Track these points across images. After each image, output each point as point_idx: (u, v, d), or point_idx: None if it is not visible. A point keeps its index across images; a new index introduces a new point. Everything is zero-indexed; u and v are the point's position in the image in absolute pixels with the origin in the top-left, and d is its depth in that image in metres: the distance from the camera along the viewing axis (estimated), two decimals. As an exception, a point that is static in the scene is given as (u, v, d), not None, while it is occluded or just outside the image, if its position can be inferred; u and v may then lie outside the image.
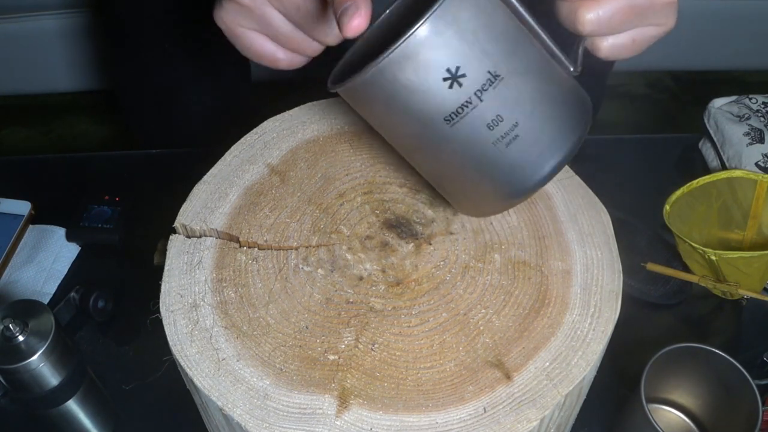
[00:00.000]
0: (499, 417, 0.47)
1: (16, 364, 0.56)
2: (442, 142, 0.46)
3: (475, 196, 0.50)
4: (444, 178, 0.51)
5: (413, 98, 0.44)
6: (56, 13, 1.39)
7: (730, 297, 0.76)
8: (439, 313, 0.52)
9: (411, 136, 0.47)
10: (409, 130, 0.46)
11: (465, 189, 0.50)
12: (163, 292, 0.53)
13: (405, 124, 0.46)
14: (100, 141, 1.57)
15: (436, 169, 0.50)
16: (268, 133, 0.64)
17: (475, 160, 0.46)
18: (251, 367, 0.49)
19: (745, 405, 0.59)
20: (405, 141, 0.49)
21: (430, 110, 0.44)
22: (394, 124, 0.47)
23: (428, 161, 0.49)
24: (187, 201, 0.59)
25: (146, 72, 1.03)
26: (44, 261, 0.82)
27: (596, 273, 0.54)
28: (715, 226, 0.79)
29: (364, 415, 0.47)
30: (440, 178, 0.51)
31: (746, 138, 0.84)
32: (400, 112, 0.45)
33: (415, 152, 0.49)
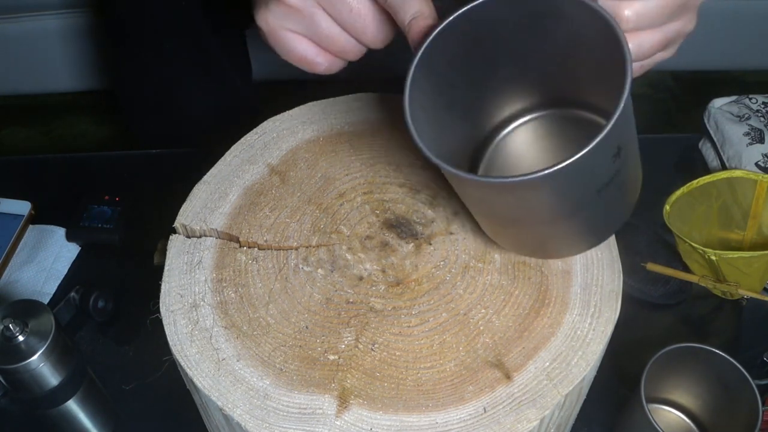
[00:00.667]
0: (499, 417, 0.47)
1: (16, 364, 0.56)
2: (581, 209, 0.45)
3: (572, 247, 0.52)
4: (551, 240, 0.50)
5: (578, 180, 0.43)
6: (56, 13, 1.38)
7: (730, 297, 0.76)
8: (439, 313, 0.52)
9: (547, 213, 0.46)
10: (550, 208, 0.45)
11: (567, 244, 0.51)
12: (163, 292, 0.53)
13: (547, 206, 0.45)
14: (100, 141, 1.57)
15: (547, 235, 0.49)
16: (268, 133, 0.64)
17: (595, 214, 0.47)
18: (251, 367, 0.49)
19: (745, 405, 0.59)
20: (528, 221, 0.47)
21: (591, 185, 0.44)
22: (527, 209, 0.45)
23: (544, 230, 0.48)
24: (187, 201, 0.59)
25: (146, 72, 1.03)
26: (44, 261, 0.82)
27: (596, 273, 0.54)
28: (715, 226, 0.79)
29: (364, 415, 0.47)
30: (545, 242, 0.51)
31: (746, 138, 0.84)
32: (553, 196, 0.44)
33: (530, 226, 0.48)
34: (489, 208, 0.48)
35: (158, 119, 1.08)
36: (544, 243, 0.51)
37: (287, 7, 0.48)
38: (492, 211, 0.48)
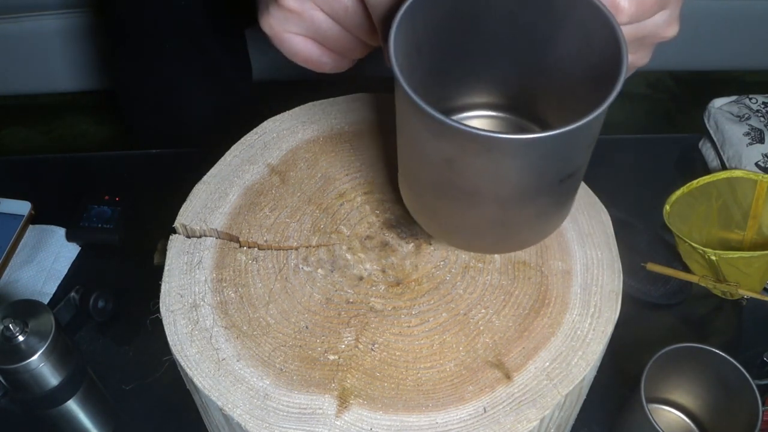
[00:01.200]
0: (499, 417, 0.47)
1: (16, 364, 0.56)
2: (541, 195, 0.44)
3: (507, 241, 0.50)
4: (493, 226, 0.48)
5: (560, 155, 0.42)
6: (56, 13, 1.39)
7: (730, 297, 0.76)
8: (439, 313, 0.52)
9: (511, 189, 0.44)
10: (518, 182, 0.43)
11: (504, 236, 0.49)
12: (163, 292, 0.53)
13: (516, 178, 0.43)
14: (100, 141, 1.57)
15: (493, 219, 0.47)
16: (268, 133, 0.64)
17: (547, 206, 0.46)
18: (251, 367, 0.49)
19: (745, 405, 0.59)
20: (486, 195, 0.45)
21: (561, 169, 0.43)
22: (497, 178, 0.43)
23: (493, 212, 0.46)
24: (187, 201, 0.59)
25: (146, 72, 1.03)
26: (44, 261, 0.82)
27: (596, 273, 0.54)
28: (715, 226, 0.79)
29: (364, 415, 0.47)
30: (485, 228, 0.48)
31: (746, 138, 0.84)
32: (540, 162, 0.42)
33: (483, 204, 0.46)
34: (449, 173, 0.44)
35: (158, 119, 1.08)
36: (481, 229, 0.48)
37: (287, 10, 0.48)
38: (451, 177, 0.44)
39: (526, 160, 0.41)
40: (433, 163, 0.43)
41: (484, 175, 0.43)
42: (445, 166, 0.43)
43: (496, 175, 0.42)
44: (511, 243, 0.50)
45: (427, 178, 0.45)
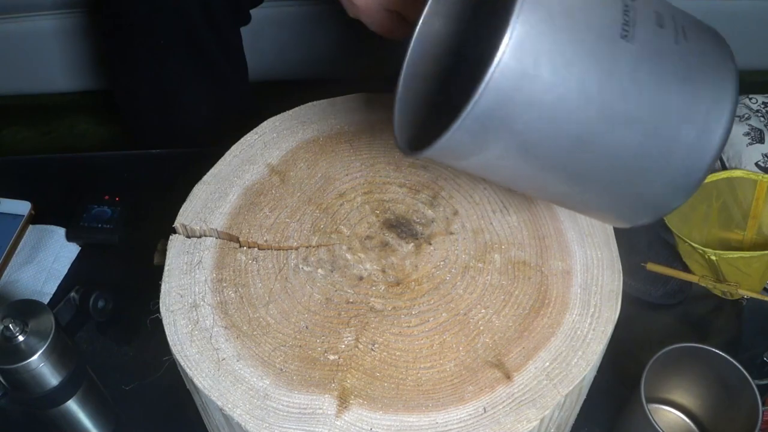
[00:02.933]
0: (499, 417, 0.47)
1: (16, 364, 0.56)
2: (625, 84, 0.41)
3: (648, 184, 0.45)
4: (610, 172, 0.44)
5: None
6: (56, 13, 1.38)
7: (730, 297, 0.76)
8: (439, 313, 0.52)
9: (576, 127, 0.41)
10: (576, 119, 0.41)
11: (638, 176, 0.44)
12: (163, 292, 0.53)
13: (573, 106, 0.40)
14: (100, 141, 1.57)
15: (597, 168, 0.44)
16: (268, 133, 0.64)
17: (667, 76, 0.42)
18: (251, 367, 0.49)
19: (745, 405, 0.59)
20: (563, 146, 0.42)
21: (601, 34, 0.39)
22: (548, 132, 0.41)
23: (589, 160, 0.43)
24: (187, 201, 0.59)
25: (142, 71, 1.03)
26: (44, 261, 0.82)
27: (596, 273, 0.54)
28: (715, 226, 0.79)
29: (364, 415, 0.47)
30: (599, 179, 0.45)
31: (746, 138, 0.84)
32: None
33: (571, 160, 0.43)
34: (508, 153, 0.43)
35: (155, 119, 1.08)
36: (603, 187, 0.46)
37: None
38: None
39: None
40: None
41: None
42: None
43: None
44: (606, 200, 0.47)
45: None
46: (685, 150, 0.43)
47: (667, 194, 0.45)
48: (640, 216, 0.48)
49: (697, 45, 0.43)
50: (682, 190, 0.45)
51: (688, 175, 0.44)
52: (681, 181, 0.45)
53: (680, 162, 0.44)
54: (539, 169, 0.44)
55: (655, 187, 0.45)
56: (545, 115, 0.40)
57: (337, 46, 1.34)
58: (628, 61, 0.40)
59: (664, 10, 0.42)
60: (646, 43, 0.41)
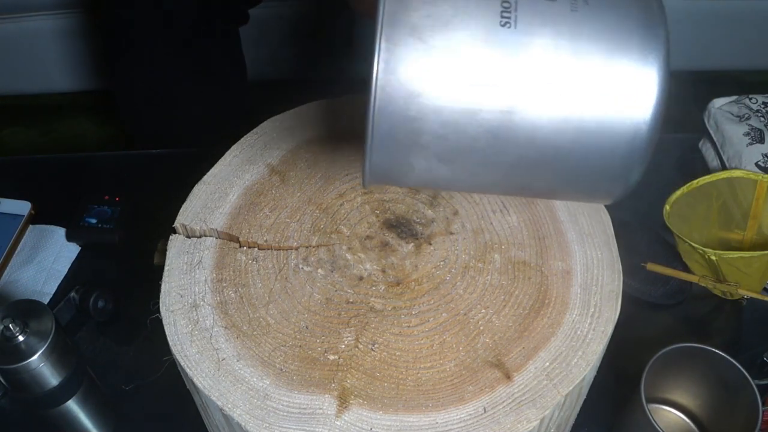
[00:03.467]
0: (499, 417, 0.47)
1: (16, 364, 0.56)
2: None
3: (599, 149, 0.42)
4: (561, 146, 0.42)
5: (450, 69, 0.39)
6: (56, 13, 1.39)
7: (730, 297, 0.76)
8: (439, 313, 0.52)
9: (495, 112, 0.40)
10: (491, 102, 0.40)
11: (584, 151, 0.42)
12: (163, 292, 0.53)
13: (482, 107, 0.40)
14: (100, 141, 1.57)
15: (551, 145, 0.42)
16: (268, 133, 0.64)
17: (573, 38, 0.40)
18: (251, 367, 0.49)
19: (745, 405, 0.59)
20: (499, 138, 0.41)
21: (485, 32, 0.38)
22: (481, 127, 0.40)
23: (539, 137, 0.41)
24: (187, 201, 0.59)
25: (140, 72, 1.03)
26: (44, 261, 0.82)
27: (596, 273, 0.54)
28: (715, 226, 0.79)
29: (364, 415, 0.47)
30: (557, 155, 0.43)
31: (746, 138, 0.84)
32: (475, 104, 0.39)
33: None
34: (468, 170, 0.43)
35: (155, 119, 1.08)
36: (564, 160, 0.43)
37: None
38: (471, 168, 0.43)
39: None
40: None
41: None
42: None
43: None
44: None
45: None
46: (617, 108, 0.41)
47: (623, 159, 0.43)
48: (608, 189, 0.46)
49: (603, 5, 0.41)
50: (636, 152, 0.43)
51: (635, 135, 0.42)
52: (629, 143, 0.42)
53: (619, 125, 0.41)
54: (474, 172, 0.44)
55: (603, 157, 0.43)
56: (446, 122, 0.40)
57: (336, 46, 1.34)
58: (515, 47, 0.39)
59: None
60: (532, 24, 0.39)
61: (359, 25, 0.64)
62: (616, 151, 0.42)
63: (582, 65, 0.40)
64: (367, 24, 0.58)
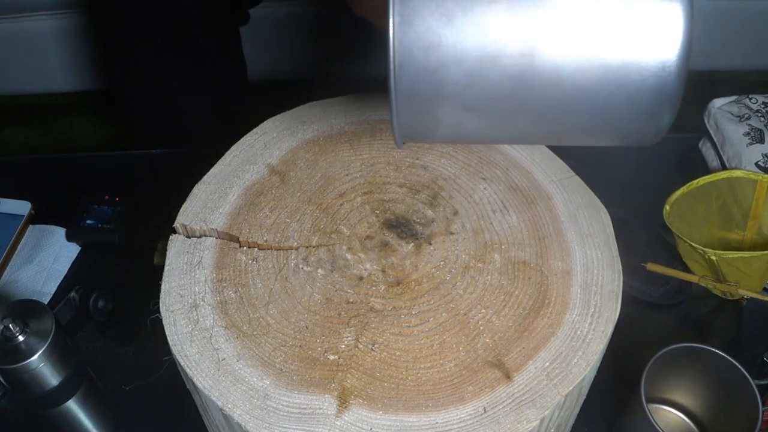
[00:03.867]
0: (499, 417, 0.47)
1: (16, 364, 0.56)
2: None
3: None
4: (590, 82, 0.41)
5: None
6: (56, 13, 1.39)
7: (730, 297, 0.76)
8: (439, 313, 0.52)
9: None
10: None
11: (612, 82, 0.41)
12: (163, 292, 0.53)
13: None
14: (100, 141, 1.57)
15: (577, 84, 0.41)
16: (268, 133, 0.64)
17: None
18: (251, 367, 0.49)
19: (745, 405, 0.59)
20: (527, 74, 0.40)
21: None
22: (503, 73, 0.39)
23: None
24: (187, 201, 0.59)
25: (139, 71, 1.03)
26: (44, 261, 0.82)
27: (596, 273, 0.54)
28: (715, 226, 0.79)
29: (364, 415, 0.47)
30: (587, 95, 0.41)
31: (746, 138, 0.84)
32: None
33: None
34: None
35: (155, 119, 1.08)
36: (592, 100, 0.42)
37: None
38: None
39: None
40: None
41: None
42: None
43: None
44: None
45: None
46: (642, 45, 0.40)
47: (652, 97, 0.42)
48: (641, 129, 0.45)
49: None
50: (665, 89, 0.42)
51: (662, 71, 0.41)
52: (657, 80, 0.41)
53: (645, 62, 0.40)
54: (503, 120, 0.43)
55: (631, 96, 0.42)
56: (467, 70, 0.39)
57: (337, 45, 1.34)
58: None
59: None
60: None
61: (364, 26, 0.65)
62: (644, 89, 0.41)
63: (600, 2, 0.39)
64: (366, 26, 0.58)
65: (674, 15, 0.40)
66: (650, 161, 0.92)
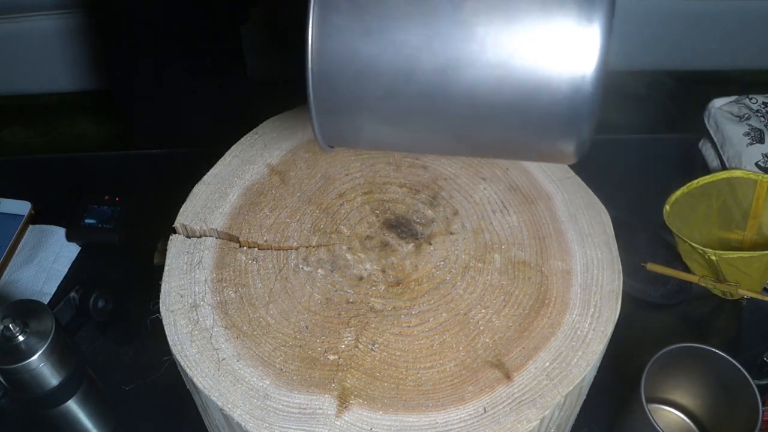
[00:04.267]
0: (499, 417, 0.47)
1: (16, 364, 0.56)
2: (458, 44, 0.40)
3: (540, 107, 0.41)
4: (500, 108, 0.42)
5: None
6: (56, 13, 1.39)
7: (730, 297, 0.76)
8: (439, 313, 0.52)
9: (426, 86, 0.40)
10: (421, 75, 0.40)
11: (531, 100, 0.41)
12: (163, 292, 0.53)
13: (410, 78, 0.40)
14: (100, 141, 1.57)
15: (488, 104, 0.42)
16: (268, 133, 0.64)
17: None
18: (251, 367, 0.49)
19: (745, 405, 0.59)
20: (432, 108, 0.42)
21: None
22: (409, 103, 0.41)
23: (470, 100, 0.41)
24: (187, 201, 0.59)
25: (145, 72, 1.03)
26: (44, 261, 0.82)
27: (596, 273, 0.54)
28: (715, 226, 0.79)
29: (364, 415, 0.47)
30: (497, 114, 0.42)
31: (746, 138, 0.84)
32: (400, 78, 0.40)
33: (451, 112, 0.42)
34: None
35: (155, 119, 1.08)
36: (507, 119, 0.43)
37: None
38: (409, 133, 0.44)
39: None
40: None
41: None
42: None
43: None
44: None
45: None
46: (554, 65, 0.40)
47: (567, 117, 0.42)
48: (561, 147, 0.45)
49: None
50: (580, 108, 0.41)
51: (576, 92, 0.41)
52: (570, 101, 0.41)
53: (557, 83, 0.41)
54: (423, 133, 0.44)
55: (545, 115, 0.42)
56: (382, 84, 0.41)
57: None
58: (444, 10, 0.40)
59: None
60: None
61: None
62: (557, 108, 0.41)
63: (514, 24, 0.40)
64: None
65: (589, 34, 0.40)
66: (650, 161, 0.92)
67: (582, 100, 0.41)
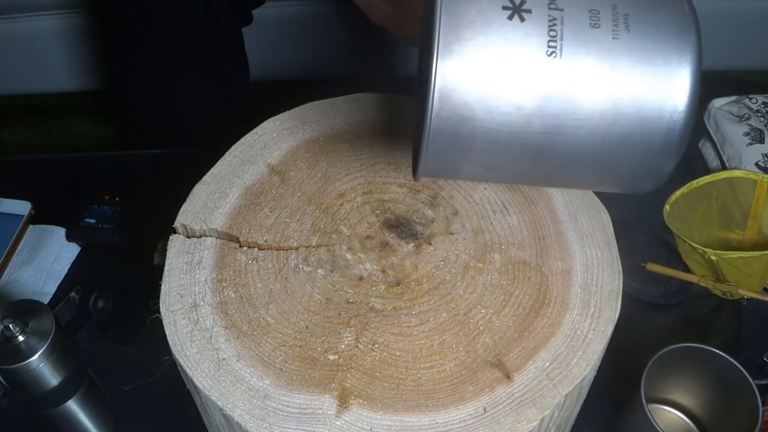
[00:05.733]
0: (499, 417, 0.47)
1: (16, 364, 0.56)
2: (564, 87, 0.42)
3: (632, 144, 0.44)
4: (597, 147, 0.44)
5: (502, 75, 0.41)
6: (56, 12, 1.38)
7: (730, 297, 0.76)
8: (439, 313, 0.52)
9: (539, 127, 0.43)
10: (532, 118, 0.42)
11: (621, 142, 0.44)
12: (163, 292, 0.53)
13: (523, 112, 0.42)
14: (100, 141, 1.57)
15: (580, 147, 0.44)
16: (268, 133, 0.64)
17: (610, 69, 0.42)
18: (251, 367, 0.49)
19: (745, 405, 0.59)
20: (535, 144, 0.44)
21: (528, 60, 0.41)
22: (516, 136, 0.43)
23: (566, 142, 0.44)
24: (187, 201, 0.59)
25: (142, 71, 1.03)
26: (44, 261, 0.82)
27: (596, 273, 0.54)
28: (715, 226, 0.79)
29: (364, 415, 0.47)
30: (591, 155, 0.45)
31: (746, 138, 0.84)
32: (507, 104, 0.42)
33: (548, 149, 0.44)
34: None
35: (156, 119, 1.08)
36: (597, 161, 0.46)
37: None
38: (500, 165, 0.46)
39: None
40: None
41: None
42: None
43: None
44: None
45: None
46: (654, 116, 0.43)
47: (656, 159, 0.45)
48: (642, 184, 0.48)
49: (643, 29, 0.43)
50: (668, 152, 0.45)
51: (669, 134, 0.44)
52: (662, 143, 0.44)
53: (655, 131, 0.44)
54: (517, 176, 0.48)
55: (638, 160, 0.45)
56: (493, 141, 0.43)
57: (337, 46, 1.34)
58: (560, 75, 0.42)
59: (602, 5, 0.43)
60: (576, 53, 0.42)
61: (364, 27, 0.66)
62: (652, 150, 0.44)
63: (619, 87, 0.42)
64: (366, 26, 0.58)
65: (682, 77, 0.43)
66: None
67: (675, 137, 0.44)
